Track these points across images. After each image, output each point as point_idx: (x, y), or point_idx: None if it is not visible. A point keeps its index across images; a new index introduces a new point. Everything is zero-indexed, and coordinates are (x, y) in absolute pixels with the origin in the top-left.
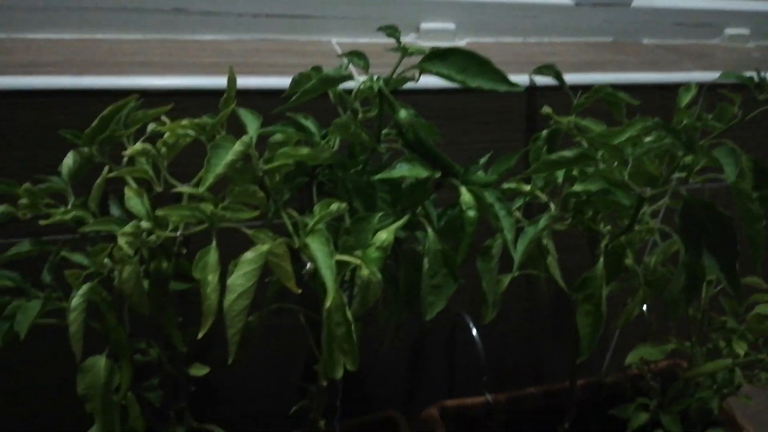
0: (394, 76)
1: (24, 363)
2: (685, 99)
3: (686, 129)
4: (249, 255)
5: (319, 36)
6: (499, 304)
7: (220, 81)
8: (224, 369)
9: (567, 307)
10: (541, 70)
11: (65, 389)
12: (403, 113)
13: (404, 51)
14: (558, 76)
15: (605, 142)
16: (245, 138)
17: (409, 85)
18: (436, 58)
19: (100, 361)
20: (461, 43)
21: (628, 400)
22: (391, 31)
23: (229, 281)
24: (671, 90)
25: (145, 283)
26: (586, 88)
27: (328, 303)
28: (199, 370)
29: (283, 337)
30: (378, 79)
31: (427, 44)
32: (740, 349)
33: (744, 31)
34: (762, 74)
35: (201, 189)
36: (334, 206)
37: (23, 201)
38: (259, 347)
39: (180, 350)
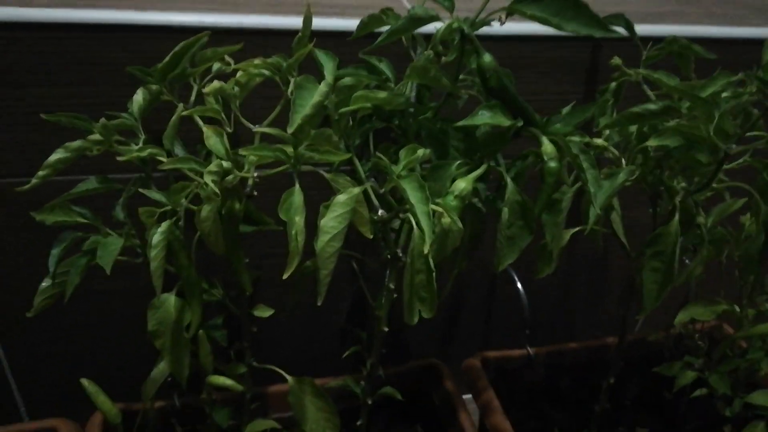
0: (480, 18)
1: (90, 300)
2: None
3: None
4: (342, 198)
5: None
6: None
7: (284, 20)
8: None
9: (606, 264)
10: (610, 19)
11: (131, 326)
12: (487, 58)
13: None
14: (629, 25)
15: (695, 94)
16: (328, 78)
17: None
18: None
19: (170, 299)
20: None
21: (671, 359)
22: None
23: (322, 222)
24: (742, 45)
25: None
26: (652, 40)
27: (426, 248)
28: (263, 312)
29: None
30: (465, 20)
31: None
32: None
33: None
34: None
35: (290, 130)
36: (420, 152)
37: (95, 137)
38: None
39: (246, 291)
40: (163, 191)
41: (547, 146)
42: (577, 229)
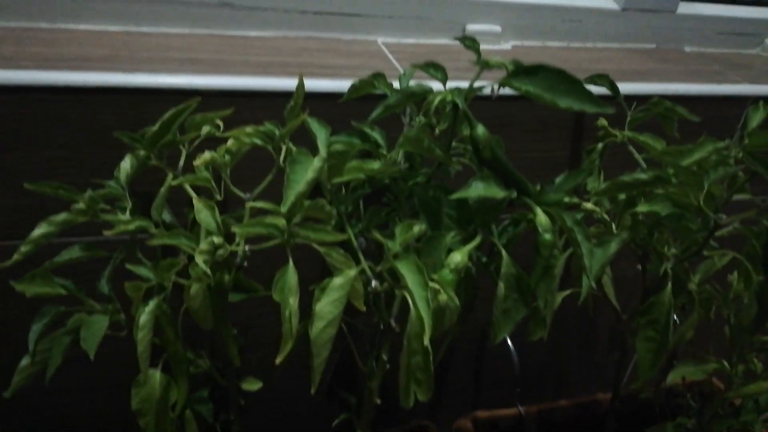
0: (472, 88)
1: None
2: (755, 119)
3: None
4: (337, 281)
5: (365, 35)
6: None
7: (274, 82)
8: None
9: (596, 317)
10: (594, 80)
11: (115, 401)
12: (480, 130)
13: (485, 64)
14: (613, 86)
15: (683, 166)
16: (322, 153)
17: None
18: (523, 74)
19: (156, 375)
20: (506, 46)
21: (662, 416)
22: (470, 42)
23: (318, 308)
24: (718, 102)
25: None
26: (633, 98)
27: (426, 339)
28: (252, 385)
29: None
30: (458, 93)
31: None
32: None
33: None
34: None
35: (283, 209)
36: (416, 228)
37: (80, 206)
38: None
39: (234, 364)
40: (151, 263)
41: (542, 218)
42: (568, 291)
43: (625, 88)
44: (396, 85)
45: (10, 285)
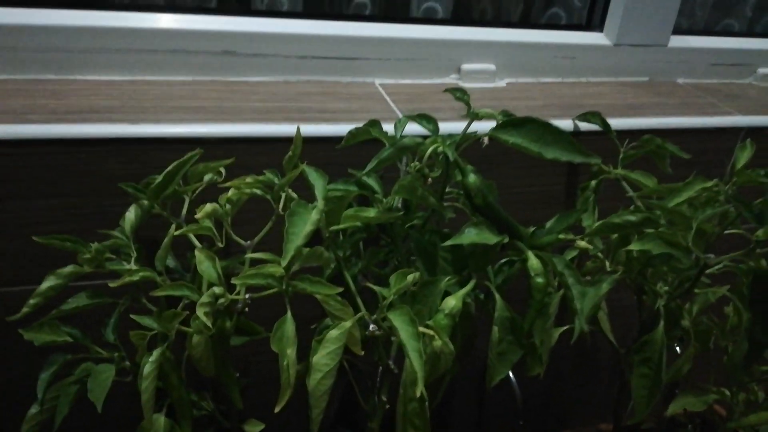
0: (463, 139)
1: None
2: (743, 159)
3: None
4: (334, 333)
5: (363, 77)
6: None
7: (273, 128)
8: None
9: (596, 347)
10: (587, 117)
11: None
12: (472, 178)
13: (475, 116)
14: (604, 123)
15: (668, 208)
16: (319, 206)
17: (453, 128)
18: (510, 127)
19: (160, 420)
20: (501, 83)
21: None
22: (461, 95)
23: (314, 360)
24: (712, 134)
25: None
26: (627, 133)
27: (417, 392)
28: (255, 427)
29: None
30: (449, 144)
31: (469, 85)
32: None
33: None
34: None
35: (283, 263)
36: (410, 277)
37: (87, 257)
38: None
39: (237, 407)
40: (155, 308)
41: (533, 262)
42: (564, 328)
43: (618, 123)
44: (391, 129)
45: (19, 332)
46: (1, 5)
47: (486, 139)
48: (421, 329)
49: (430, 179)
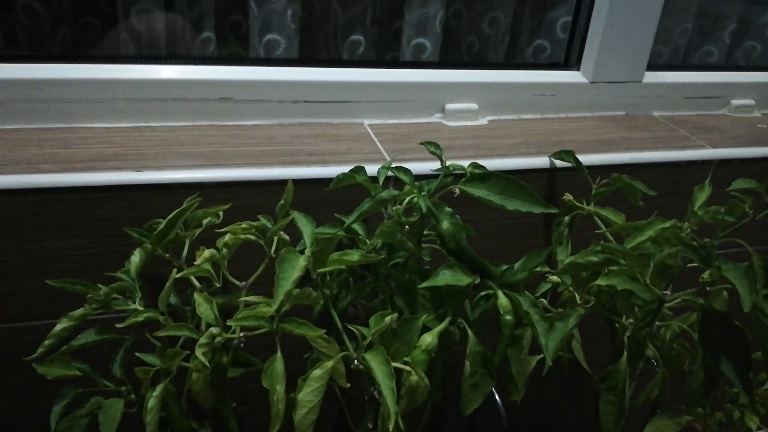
0: (437, 190)
1: None
2: (700, 199)
3: (705, 245)
4: (317, 372)
5: (353, 119)
6: (526, 384)
7: (267, 172)
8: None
9: (582, 378)
10: (561, 155)
11: None
12: (445, 224)
13: (447, 170)
14: (576, 161)
15: (623, 250)
16: (307, 252)
17: (435, 166)
18: (477, 181)
19: None
20: (483, 121)
21: None
22: (434, 148)
23: (300, 397)
24: (683, 167)
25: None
26: (603, 170)
27: (390, 427)
28: None
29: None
30: (422, 195)
31: (453, 123)
32: (752, 423)
33: (749, 101)
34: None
35: (274, 306)
36: (388, 319)
37: (95, 299)
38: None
39: None
40: (159, 345)
41: (503, 300)
42: (540, 356)
43: (592, 159)
44: (375, 169)
45: (32, 367)
46: (16, 62)
47: (457, 190)
48: (399, 365)
49: (407, 227)
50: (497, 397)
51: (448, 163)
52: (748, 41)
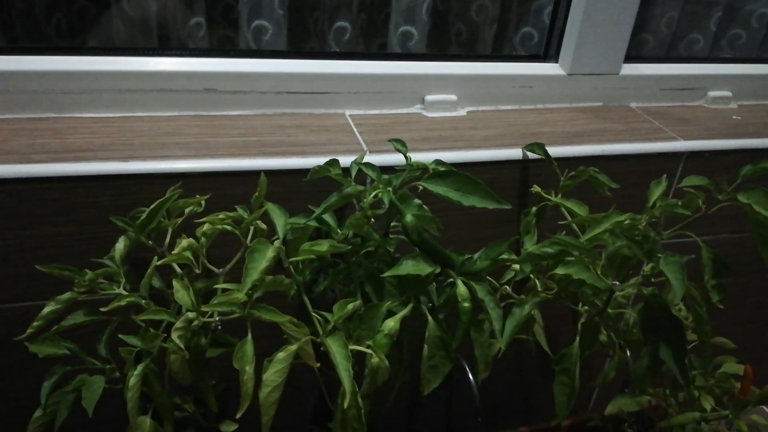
0: (402, 185)
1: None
2: (656, 193)
3: (651, 239)
4: (281, 355)
5: (334, 109)
6: (491, 364)
7: (248, 162)
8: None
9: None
10: (532, 148)
11: None
12: (409, 218)
13: (410, 167)
14: (546, 153)
15: (575, 243)
16: (276, 244)
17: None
18: (437, 178)
19: (146, 421)
20: (462, 112)
21: None
22: (400, 146)
23: (265, 377)
24: (656, 159)
25: (187, 354)
26: (574, 161)
27: (346, 403)
28: (229, 427)
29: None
30: (387, 187)
31: (432, 114)
32: (707, 404)
33: (726, 93)
34: (720, 179)
35: (240, 293)
36: (350, 306)
37: (82, 283)
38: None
39: (213, 410)
40: (142, 327)
41: (461, 289)
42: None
43: (565, 151)
44: (349, 161)
45: (22, 346)
46: (9, 54)
47: (419, 188)
48: (361, 348)
49: (372, 220)
50: (470, 376)
51: (415, 158)
52: (733, 29)
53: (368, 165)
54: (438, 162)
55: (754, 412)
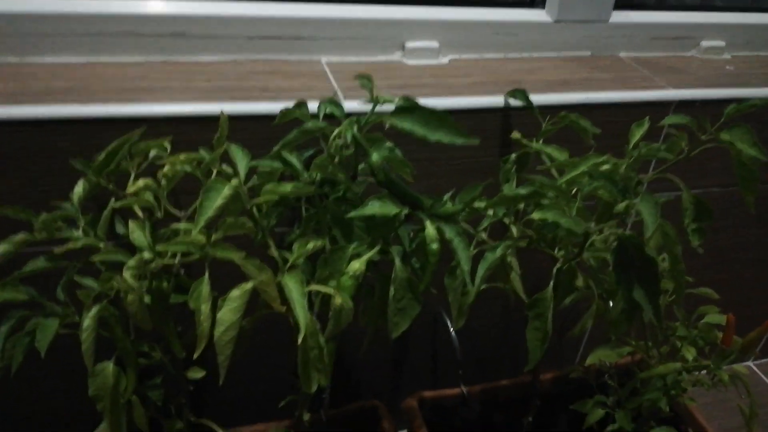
0: (367, 121)
1: (41, 368)
2: (637, 135)
3: (626, 177)
4: (235, 293)
5: (310, 55)
6: (468, 311)
7: (215, 107)
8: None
9: None
10: (513, 94)
11: (78, 386)
12: (375, 157)
13: (376, 101)
14: (527, 100)
15: (552, 185)
16: (234, 182)
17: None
18: (402, 113)
19: (109, 367)
20: (444, 60)
21: (591, 395)
22: (365, 81)
23: (219, 315)
24: (643, 107)
25: (148, 298)
26: (557, 109)
27: (300, 339)
28: (196, 373)
29: (274, 331)
30: (352, 124)
31: (413, 62)
32: (689, 354)
33: (719, 43)
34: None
35: (194, 231)
36: (311, 245)
37: (39, 226)
38: (253, 341)
39: (179, 356)
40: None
41: (430, 230)
42: (484, 286)
43: (548, 98)
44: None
45: None
46: None
47: (386, 124)
48: (323, 288)
49: (336, 158)
50: (451, 329)
51: (379, 97)
52: None
53: (333, 102)
54: (404, 98)
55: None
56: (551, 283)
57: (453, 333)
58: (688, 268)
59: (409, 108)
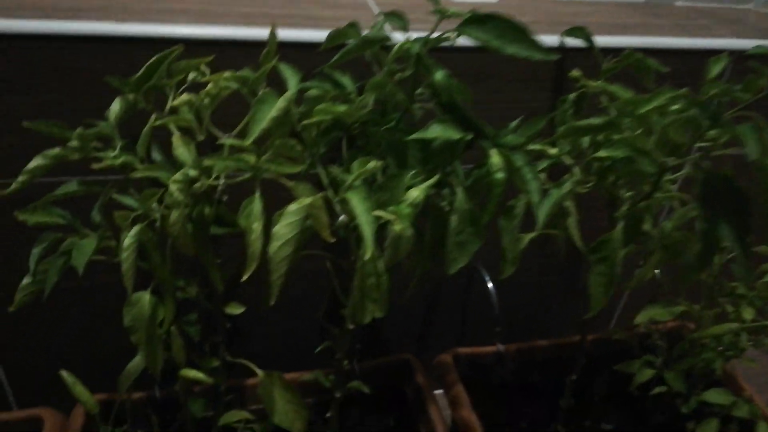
0: (432, 37)
1: (74, 294)
2: (715, 69)
3: (713, 101)
4: (293, 207)
5: None
6: (518, 261)
7: (257, 32)
8: (253, 308)
9: (579, 266)
10: (572, 32)
11: (112, 320)
12: (439, 75)
13: (442, 14)
14: (588, 38)
15: (632, 110)
16: (287, 94)
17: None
18: (474, 23)
19: (145, 296)
20: (494, 0)
21: (635, 357)
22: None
23: (275, 230)
24: (702, 56)
25: (189, 227)
26: (616, 52)
27: (367, 255)
28: (235, 309)
29: (309, 279)
30: (416, 40)
31: (461, 1)
32: (748, 314)
33: None
34: None
35: (247, 142)
36: (371, 164)
37: (73, 143)
38: (287, 288)
39: (218, 289)
40: (138, 196)
41: (495, 158)
42: (533, 234)
43: (605, 41)
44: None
45: (14, 215)
46: None
47: (453, 37)
48: (382, 213)
49: (397, 75)
50: (490, 284)
51: (446, 10)
52: None
53: (395, 14)
54: (473, 12)
55: None
56: (620, 224)
57: (491, 288)
58: None
59: (482, 17)
